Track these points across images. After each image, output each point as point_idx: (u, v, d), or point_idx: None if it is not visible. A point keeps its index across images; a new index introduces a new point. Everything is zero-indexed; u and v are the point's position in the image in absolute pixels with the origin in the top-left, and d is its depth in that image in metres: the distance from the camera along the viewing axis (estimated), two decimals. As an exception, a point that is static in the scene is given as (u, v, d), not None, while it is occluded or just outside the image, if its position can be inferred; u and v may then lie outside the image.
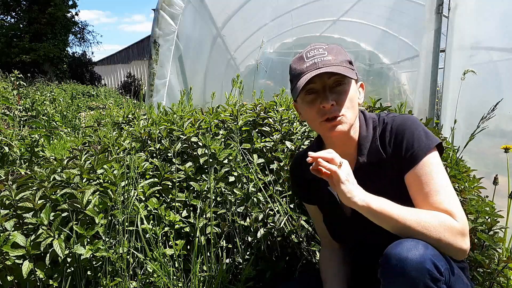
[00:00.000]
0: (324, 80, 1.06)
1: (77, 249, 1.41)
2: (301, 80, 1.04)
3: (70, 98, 8.17)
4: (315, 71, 1.03)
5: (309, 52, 1.08)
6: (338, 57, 1.07)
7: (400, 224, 0.95)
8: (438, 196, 1.00)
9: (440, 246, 0.93)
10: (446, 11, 2.36)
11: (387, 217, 0.96)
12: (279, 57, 6.85)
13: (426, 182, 1.02)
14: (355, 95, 1.10)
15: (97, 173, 1.65)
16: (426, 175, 1.02)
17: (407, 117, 1.11)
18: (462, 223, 0.97)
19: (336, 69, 1.03)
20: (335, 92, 1.06)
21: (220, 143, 1.83)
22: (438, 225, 0.94)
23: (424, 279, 0.86)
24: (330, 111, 1.05)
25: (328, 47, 1.09)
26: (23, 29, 19.98)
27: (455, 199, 1.01)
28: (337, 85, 1.06)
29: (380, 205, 0.97)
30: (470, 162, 1.80)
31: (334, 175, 0.97)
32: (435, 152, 1.05)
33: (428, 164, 1.03)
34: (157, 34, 3.18)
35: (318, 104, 1.06)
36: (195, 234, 1.59)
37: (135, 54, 22.42)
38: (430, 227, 0.94)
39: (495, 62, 2.23)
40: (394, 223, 0.96)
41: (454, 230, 0.95)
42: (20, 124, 3.00)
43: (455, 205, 0.99)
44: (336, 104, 1.05)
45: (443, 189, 1.01)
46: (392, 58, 6.87)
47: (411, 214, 0.96)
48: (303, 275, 1.52)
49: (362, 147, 1.13)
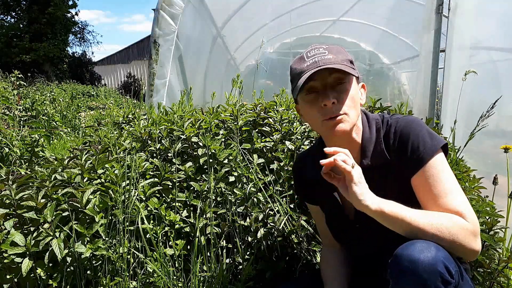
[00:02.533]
0: (325, 78, 1.05)
1: (77, 247, 1.41)
2: (302, 78, 1.04)
3: (70, 98, 8.17)
4: (316, 68, 1.03)
5: (309, 52, 1.08)
6: (339, 56, 1.06)
7: (413, 227, 0.94)
8: (448, 198, 0.99)
9: (453, 247, 0.93)
10: (446, 11, 2.36)
11: (400, 221, 0.95)
12: (279, 57, 6.85)
13: (434, 184, 1.01)
14: (356, 95, 1.09)
15: (98, 172, 1.65)
16: (433, 177, 1.01)
17: (411, 119, 1.10)
18: (473, 224, 0.96)
19: (336, 66, 1.03)
20: (336, 91, 1.05)
21: (220, 143, 1.83)
22: (451, 227, 0.93)
23: (436, 281, 0.85)
24: (332, 109, 1.04)
25: (329, 47, 1.09)
26: (23, 29, 19.99)
27: (465, 200, 1.00)
28: (338, 84, 1.06)
29: (393, 209, 0.95)
30: (470, 162, 1.80)
31: (348, 175, 0.96)
32: (441, 154, 1.04)
33: (435, 166, 1.02)
34: (157, 34, 3.18)
35: (319, 103, 1.05)
36: (195, 234, 1.59)
37: (135, 54, 22.42)
38: (443, 228, 0.92)
39: (495, 62, 2.23)
40: (406, 226, 0.94)
41: (466, 231, 0.94)
42: (20, 124, 3.00)
43: (465, 205, 0.98)
44: (337, 102, 1.04)
45: (452, 190, 1.00)
46: (392, 58, 6.87)
47: (424, 216, 0.95)
48: (303, 275, 1.52)
49: (366, 150, 1.11)
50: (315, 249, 1.57)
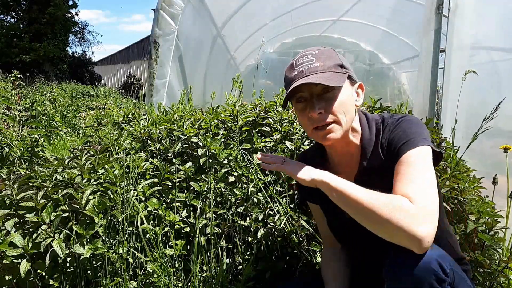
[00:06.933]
0: (311, 88, 1.04)
1: (76, 249, 1.41)
2: (290, 88, 1.04)
3: (70, 98, 8.17)
4: (301, 79, 1.02)
5: (298, 60, 1.07)
6: (326, 62, 1.04)
7: (351, 200, 0.92)
8: (401, 182, 0.95)
9: (391, 228, 0.87)
10: (446, 11, 2.36)
11: (339, 193, 0.95)
12: (279, 57, 6.84)
13: (399, 171, 0.98)
14: (348, 99, 1.06)
15: (98, 173, 1.65)
16: (402, 165, 0.98)
17: (405, 117, 1.09)
18: (419, 208, 0.88)
19: (321, 76, 1.01)
20: (324, 99, 1.04)
21: (220, 143, 1.83)
22: (388, 204, 0.88)
23: (430, 279, 0.85)
24: (319, 119, 1.03)
25: (318, 52, 1.06)
26: (23, 29, 19.99)
27: (421, 187, 0.92)
28: (325, 92, 1.04)
29: (338, 183, 0.97)
30: (470, 162, 1.80)
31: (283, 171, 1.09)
32: (423, 148, 1.00)
33: (410, 156, 0.98)
34: (157, 34, 3.18)
35: (307, 113, 1.05)
36: (195, 234, 1.59)
37: (135, 54, 22.42)
38: (380, 205, 0.88)
39: (495, 62, 2.22)
40: (345, 200, 0.94)
41: (406, 213, 0.86)
42: (20, 124, 3.00)
43: (418, 191, 0.91)
44: (325, 111, 1.03)
45: (410, 177, 0.95)
46: (392, 58, 6.86)
47: (366, 193, 0.92)
48: (303, 275, 1.52)
49: (366, 151, 1.11)
50: (315, 249, 1.57)
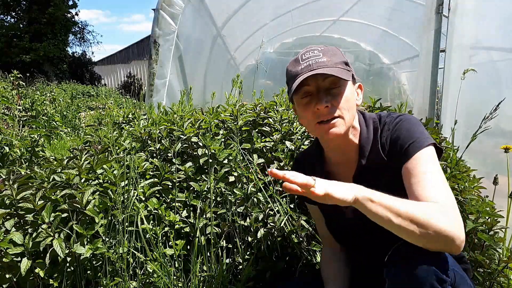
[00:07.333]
0: (318, 82, 1.05)
1: (76, 248, 1.41)
2: (296, 81, 1.03)
3: (70, 98, 8.17)
4: (309, 72, 1.02)
5: (304, 54, 1.07)
6: (333, 58, 1.05)
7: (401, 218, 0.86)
8: (423, 187, 0.95)
9: (431, 235, 0.85)
10: (446, 11, 2.36)
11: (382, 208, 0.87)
12: (279, 57, 6.84)
13: (414, 174, 0.98)
14: (352, 96, 1.08)
15: (96, 173, 1.65)
16: (416, 167, 0.99)
17: (403, 116, 1.10)
18: (450, 210, 0.90)
19: (330, 70, 1.02)
20: (330, 94, 1.05)
21: (220, 143, 1.83)
22: (425, 213, 0.86)
23: (431, 279, 0.85)
24: (325, 113, 1.04)
25: (324, 49, 1.08)
26: (23, 29, 20.00)
27: (443, 190, 0.95)
28: (332, 87, 1.05)
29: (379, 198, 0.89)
30: (470, 162, 1.80)
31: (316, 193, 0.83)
32: (429, 148, 1.01)
33: (421, 158, 1.00)
34: (157, 34, 3.18)
35: (313, 107, 1.05)
36: (195, 234, 1.59)
37: (135, 54, 22.40)
38: (420, 216, 0.85)
39: (495, 62, 2.23)
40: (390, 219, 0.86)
41: (445, 217, 0.87)
42: (20, 124, 3.00)
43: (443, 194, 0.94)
44: (331, 106, 1.04)
45: (431, 181, 0.96)
46: (392, 58, 6.86)
47: (401, 205, 0.88)
48: (303, 275, 1.52)
49: (364, 150, 1.11)
50: (315, 249, 1.57)
